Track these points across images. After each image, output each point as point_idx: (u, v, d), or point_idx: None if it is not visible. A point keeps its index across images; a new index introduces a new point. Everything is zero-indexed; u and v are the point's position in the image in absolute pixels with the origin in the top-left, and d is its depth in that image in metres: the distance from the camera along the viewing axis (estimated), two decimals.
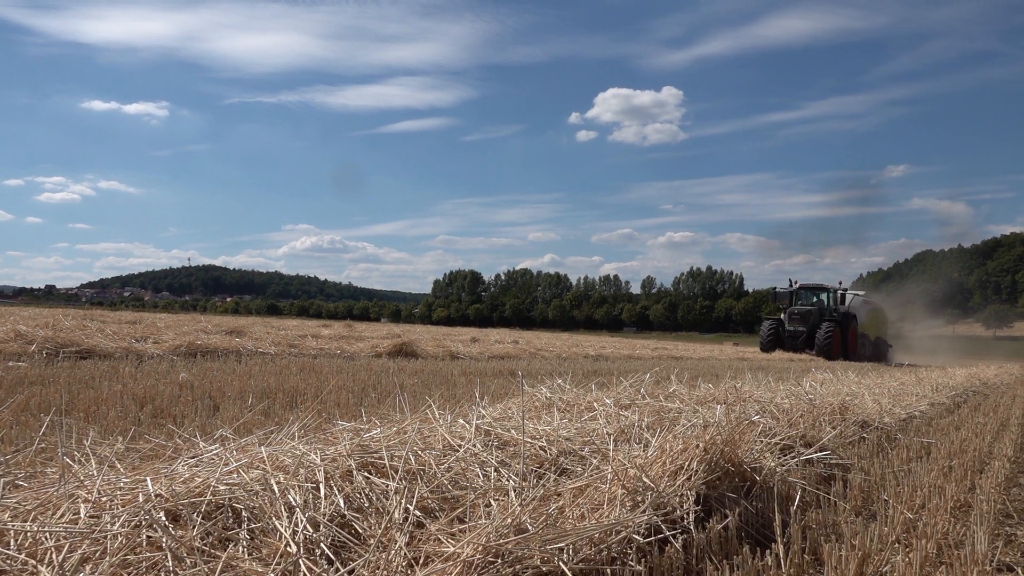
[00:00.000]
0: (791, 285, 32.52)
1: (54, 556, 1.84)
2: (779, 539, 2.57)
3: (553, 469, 3.02)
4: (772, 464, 3.49)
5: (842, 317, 30.61)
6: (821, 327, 29.37)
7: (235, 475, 2.37)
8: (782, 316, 31.98)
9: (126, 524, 1.99)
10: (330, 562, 2.03)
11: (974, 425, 5.94)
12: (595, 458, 3.12)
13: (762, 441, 3.81)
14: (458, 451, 2.95)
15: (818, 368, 11.14)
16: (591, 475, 2.82)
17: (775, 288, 33.21)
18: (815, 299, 32.23)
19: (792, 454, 3.90)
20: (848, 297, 33.18)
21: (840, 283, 31.89)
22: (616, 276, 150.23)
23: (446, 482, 2.63)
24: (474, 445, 3.04)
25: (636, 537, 2.38)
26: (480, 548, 2.11)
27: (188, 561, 1.91)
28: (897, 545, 2.81)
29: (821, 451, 4.09)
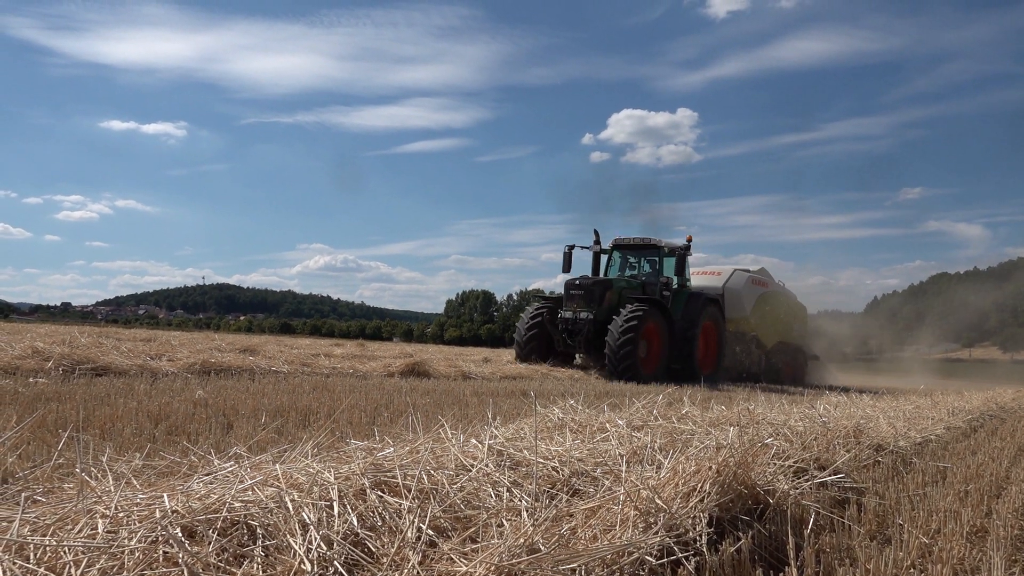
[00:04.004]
0: (596, 242, 18.51)
1: (72, 570, 1.86)
2: (792, 563, 2.56)
3: (565, 490, 3.02)
4: (786, 487, 3.47)
5: (685, 300, 16.96)
6: (620, 314, 15.31)
7: (250, 492, 2.39)
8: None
9: (143, 539, 2.01)
10: None
11: (991, 449, 5.88)
12: (607, 479, 3.12)
13: (775, 464, 3.79)
14: (471, 471, 2.96)
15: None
16: (603, 496, 2.82)
17: (569, 248, 17.77)
18: (636, 267, 18.45)
19: (806, 477, 3.88)
20: (726, 274, 20.32)
21: (689, 239, 17.71)
22: None
23: (459, 502, 2.64)
24: (486, 465, 3.04)
25: (648, 559, 2.38)
26: (492, 568, 2.12)
27: None
28: (912, 570, 2.79)
29: (835, 474, 4.06)
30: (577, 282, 16.73)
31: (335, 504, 2.36)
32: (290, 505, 2.28)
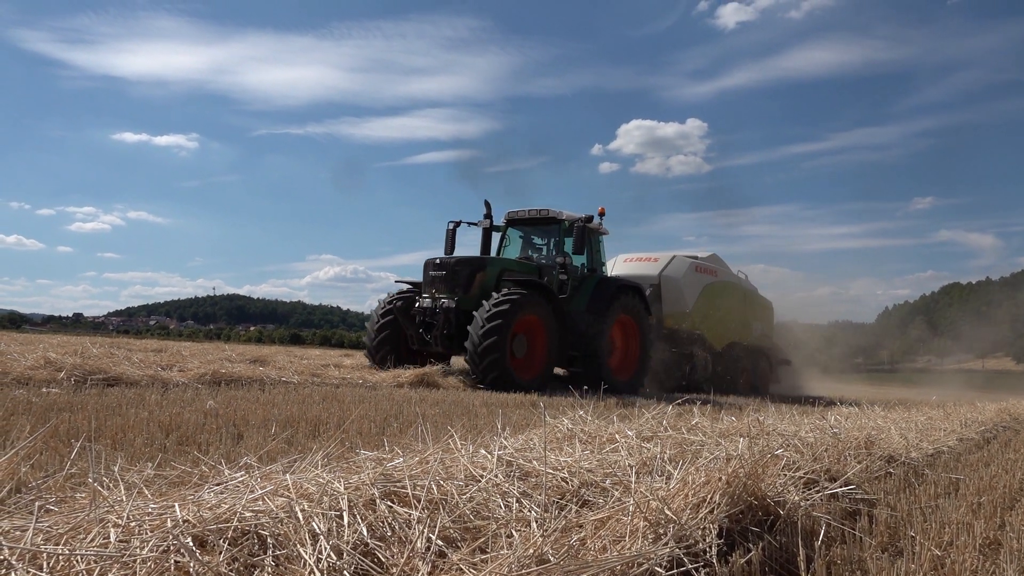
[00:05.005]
0: (487, 215, 14.72)
1: None
2: (803, 574, 2.55)
3: (575, 500, 3.02)
4: (796, 498, 3.45)
5: (593, 287, 13.63)
6: (485, 304, 11.93)
7: (260, 502, 2.40)
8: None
9: (155, 549, 2.02)
10: None
11: (1004, 461, 5.83)
12: (617, 490, 3.11)
13: (786, 475, 3.78)
14: (480, 481, 2.96)
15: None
16: (613, 507, 2.82)
17: (453, 224, 14.47)
18: (542, 248, 14.65)
19: (816, 488, 3.86)
20: (664, 260, 17.17)
21: (600, 211, 14.34)
22: None
23: (468, 512, 2.65)
24: (496, 475, 3.05)
25: (658, 570, 2.37)
26: None
27: None
28: None
29: (846, 485, 4.04)
30: (438, 261, 13.03)
31: (345, 514, 2.37)
32: (300, 515, 2.29)
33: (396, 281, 14.41)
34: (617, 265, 17.62)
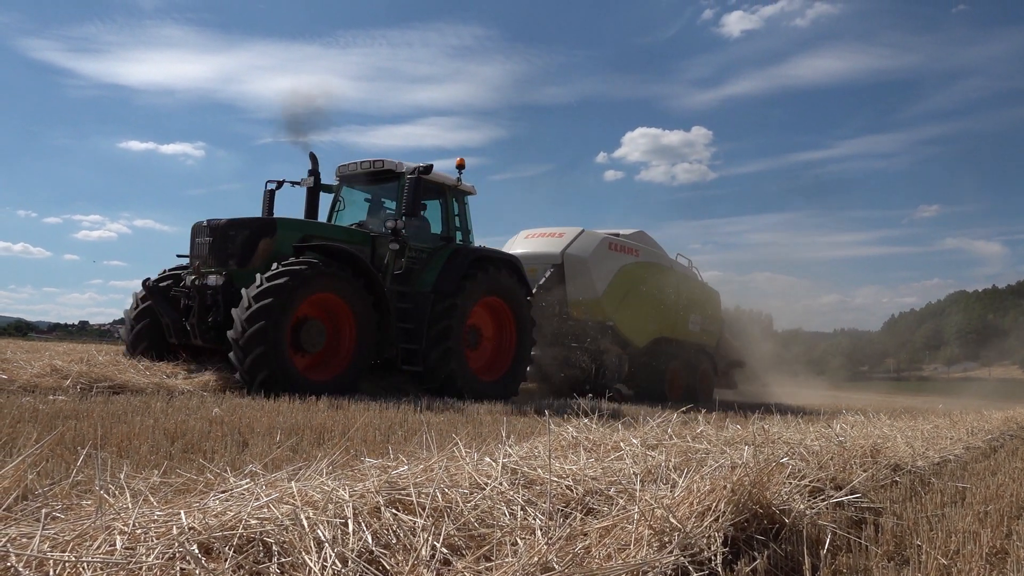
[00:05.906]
0: (312, 171, 11.51)
1: None
2: None
3: (579, 508, 3.02)
4: (801, 507, 3.45)
5: (445, 260, 10.59)
6: (257, 279, 8.71)
7: (265, 510, 2.41)
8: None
9: (161, 556, 2.03)
10: None
11: (1011, 470, 5.80)
12: (621, 498, 3.11)
13: (791, 483, 3.77)
14: (484, 489, 2.96)
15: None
16: (617, 515, 2.81)
17: (275, 184, 11.52)
18: (385, 210, 11.37)
19: (822, 497, 3.85)
20: (570, 236, 14.30)
21: (459, 163, 11.81)
22: None
23: (473, 520, 2.65)
24: (500, 483, 3.05)
25: None
26: None
27: None
28: None
29: (852, 494, 4.03)
30: (206, 223, 9.84)
31: (350, 522, 2.37)
32: (305, 522, 2.30)
33: (178, 255, 10.89)
34: (517, 242, 15.01)
